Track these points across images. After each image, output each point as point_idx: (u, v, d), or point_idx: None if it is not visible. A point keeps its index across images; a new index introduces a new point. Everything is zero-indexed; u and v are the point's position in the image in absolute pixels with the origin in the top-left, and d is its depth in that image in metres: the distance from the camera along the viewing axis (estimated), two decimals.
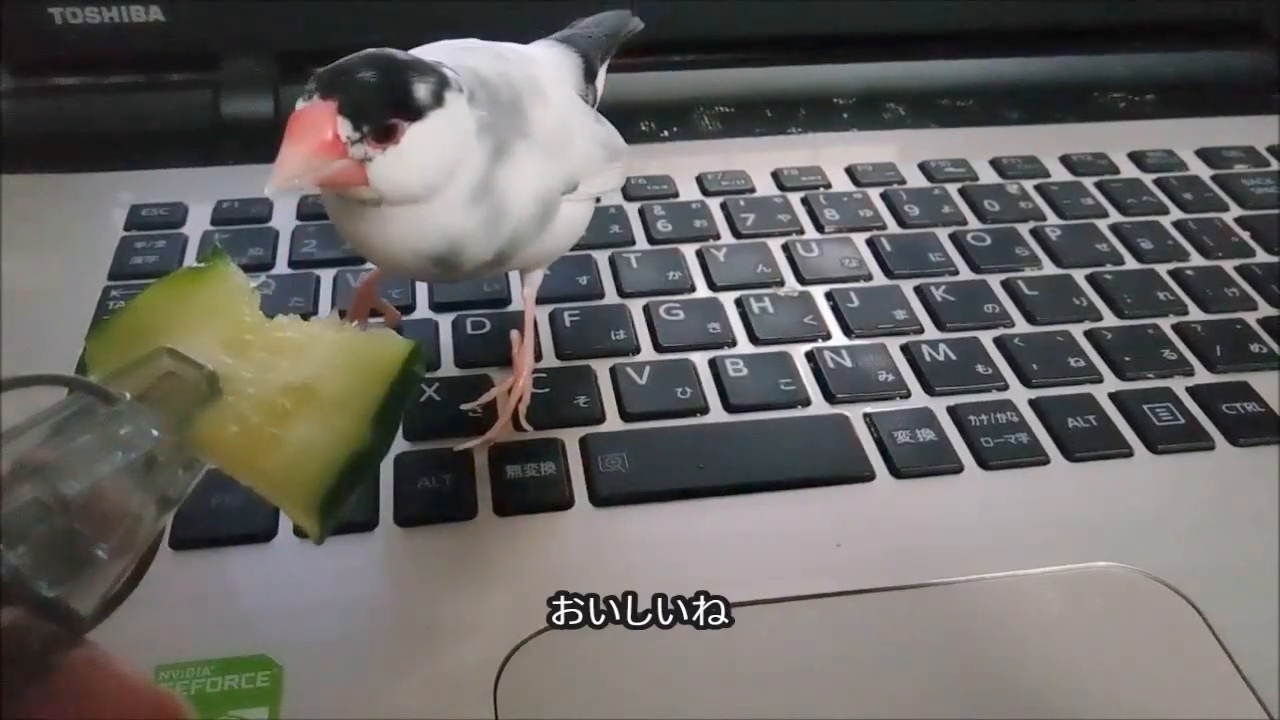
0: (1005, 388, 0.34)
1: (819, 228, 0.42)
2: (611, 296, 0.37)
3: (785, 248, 0.40)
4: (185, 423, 0.18)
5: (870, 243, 0.41)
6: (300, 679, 0.25)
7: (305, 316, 0.21)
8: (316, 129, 0.23)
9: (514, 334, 0.33)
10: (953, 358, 0.35)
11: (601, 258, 0.39)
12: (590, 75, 0.33)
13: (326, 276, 0.38)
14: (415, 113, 0.24)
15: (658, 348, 0.35)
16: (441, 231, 0.26)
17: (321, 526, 0.19)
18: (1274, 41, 0.55)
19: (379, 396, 0.20)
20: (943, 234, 0.41)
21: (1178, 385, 0.35)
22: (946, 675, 0.26)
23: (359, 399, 0.20)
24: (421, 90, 0.25)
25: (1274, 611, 0.28)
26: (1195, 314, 0.38)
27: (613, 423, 0.32)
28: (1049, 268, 0.40)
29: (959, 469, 0.32)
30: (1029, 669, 0.27)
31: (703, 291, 0.38)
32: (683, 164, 0.45)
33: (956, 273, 0.40)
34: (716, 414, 0.33)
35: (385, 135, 0.24)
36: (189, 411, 0.18)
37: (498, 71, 0.28)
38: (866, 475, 0.31)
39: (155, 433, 0.17)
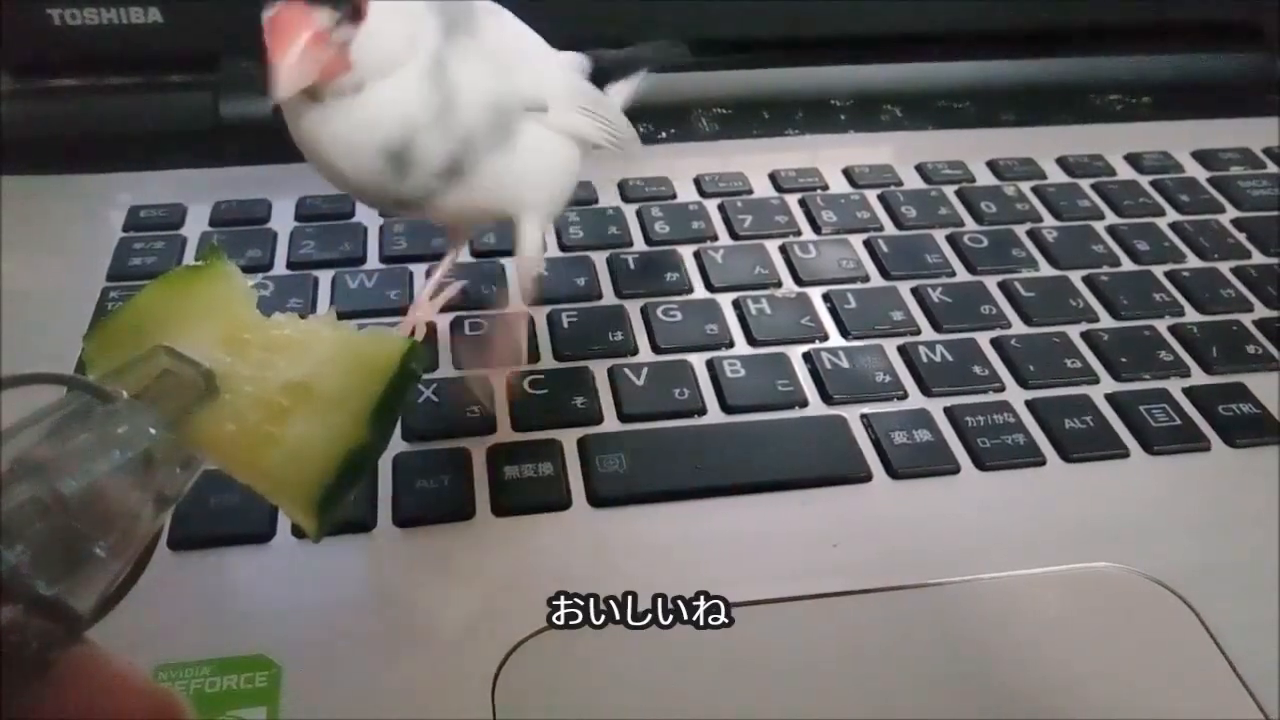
0: (1002, 389, 0.34)
1: (816, 229, 0.42)
2: (609, 297, 0.37)
3: (783, 249, 0.40)
4: (183, 421, 0.18)
5: (867, 244, 0.41)
6: (299, 679, 0.25)
7: (303, 316, 0.21)
8: (298, 26, 0.24)
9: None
10: (949, 359, 0.35)
11: (599, 259, 0.39)
12: (598, 78, 0.34)
13: (325, 277, 0.38)
14: None
15: (655, 349, 0.35)
16: (396, 116, 0.27)
17: (319, 524, 0.19)
18: (1271, 43, 0.55)
19: (377, 394, 0.20)
20: (940, 235, 0.42)
21: (1174, 386, 0.35)
22: (944, 675, 0.27)
23: (357, 397, 0.20)
24: None
25: (1271, 612, 0.28)
26: (1191, 315, 0.38)
27: (611, 423, 0.32)
28: (1046, 269, 0.40)
29: (956, 470, 0.32)
30: (1026, 669, 0.27)
31: (700, 293, 0.38)
32: (680, 165, 0.45)
33: (953, 274, 0.40)
34: (714, 415, 0.33)
35: (355, 15, 0.25)
36: (187, 410, 0.18)
37: None
38: (863, 476, 0.31)
39: (153, 431, 0.17)
